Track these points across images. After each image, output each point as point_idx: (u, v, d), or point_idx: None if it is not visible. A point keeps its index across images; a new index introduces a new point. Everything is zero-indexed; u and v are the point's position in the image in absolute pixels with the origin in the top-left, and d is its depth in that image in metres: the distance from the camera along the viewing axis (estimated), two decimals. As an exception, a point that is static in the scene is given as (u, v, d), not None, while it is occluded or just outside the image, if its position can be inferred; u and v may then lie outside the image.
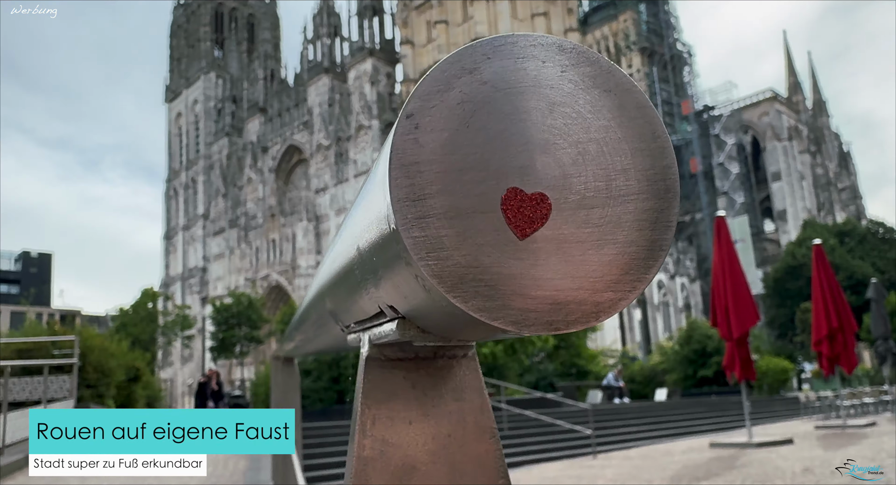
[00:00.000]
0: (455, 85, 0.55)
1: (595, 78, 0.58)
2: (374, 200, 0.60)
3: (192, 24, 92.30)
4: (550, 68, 0.57)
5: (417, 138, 0.54)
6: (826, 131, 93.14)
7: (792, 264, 51.27)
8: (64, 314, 74.00)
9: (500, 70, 0.56)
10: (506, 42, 0.57)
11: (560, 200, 0.55)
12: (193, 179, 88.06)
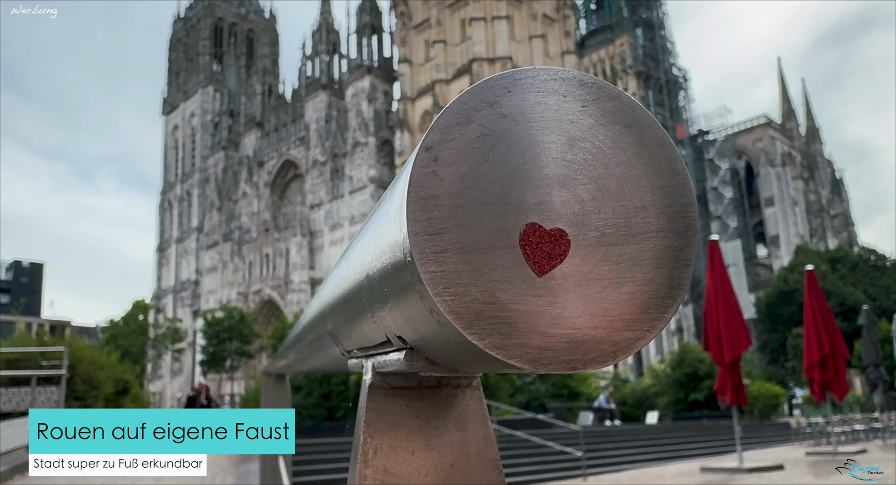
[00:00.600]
0: (475, 118, 0.55)
1: (615, 113, 0.57)
2: (389, 229, 0.59)
3: (191, 38, 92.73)
4: (571, 103, 0.57)
5: (436, 171, 0.54)
6: (819, 158, 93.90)
7: (784, 290, 51.42)
8: (54, 325, 73.48)
9: (520, 104, 0.56)
10: (526, 75, 0.57)
11: (579, 237, 0.55)
12: (188, 192, 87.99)
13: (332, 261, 67.11)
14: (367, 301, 0.71)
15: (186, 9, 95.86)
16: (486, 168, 0.54)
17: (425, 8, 64.72)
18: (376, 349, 0.79)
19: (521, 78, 0.57)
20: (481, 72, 58.28)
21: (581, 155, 0.56)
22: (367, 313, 0.73)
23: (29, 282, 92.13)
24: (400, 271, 0.57)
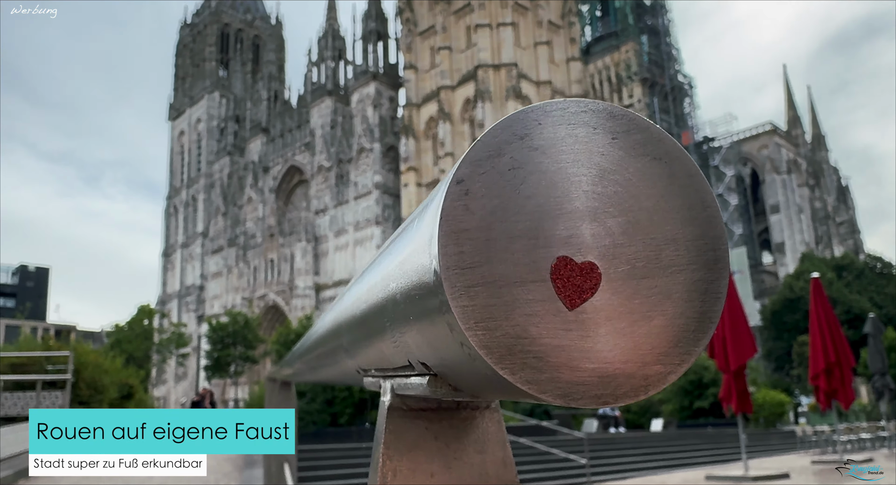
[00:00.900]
0: (506, 151, 0.55)
1: (645, 145, 0.57)
2: (417, 258, 0.59)
3: (198, 44, 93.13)
4: (601, 135, 0.57)
5: (467, 205, 0.54)
6: (825, 165, 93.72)
7: (790, 297, 51.24)
8: (59, 329, 73.64)
9: (551, 136, 0.56)
10: (557, 107, 0.57)
11: (610, 270, 0.54)
12: (194, 197, 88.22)
13: (336, 266, 67.15)
14: (388, 324, 0.71)
15: (193, 15, 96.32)
16: (517, 201, 0.54)
17: (431, 14, 64.88)
18: (396, 372, 0.78)
19: (552, 110, 0.57)
20: (486, 78, 58.34)
21: (611, 187, 0.56)
22: (388, 336, 0.73)
23: (35, 286, 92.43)
24: (428, 302, 0.57)
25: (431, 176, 61.87)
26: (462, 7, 62.80)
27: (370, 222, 64.46)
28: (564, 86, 63.95)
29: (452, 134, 60.46)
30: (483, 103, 57.59)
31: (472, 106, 59.53)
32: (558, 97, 44.65)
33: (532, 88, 60.59)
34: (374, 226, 63.96)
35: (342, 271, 66.51)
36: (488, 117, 57.16)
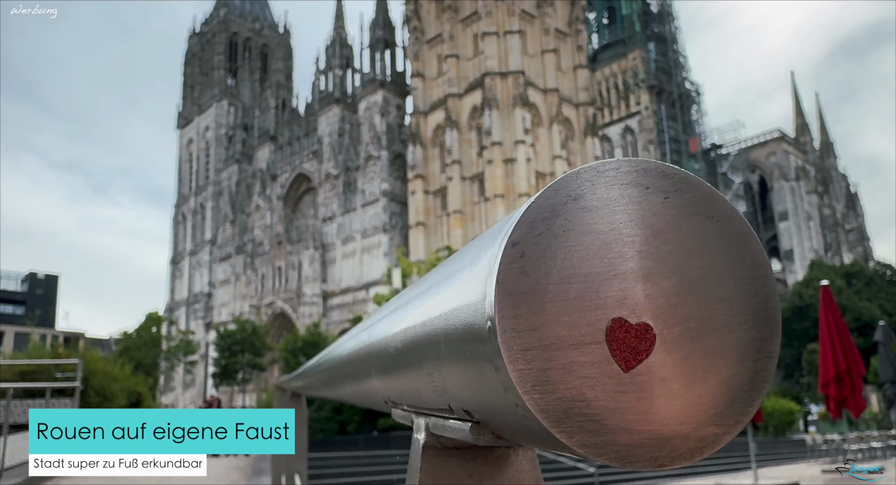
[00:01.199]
0: (560, 212, 0.55)
1: (697, 204, 0.57)
2: (468, 315, 0.59)
3: (206, 53, 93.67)
4: (654, 195, 0.57)
5: (523, 267, 0.54)
6: (833, 172, 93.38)
7: (799, 305, 50.99)
8: (68, 336, 73.90)
9: (604, 197, 0.56)
10: (610, 168, 0.57)
11: (664, 331, 0.54)
12: (202, 205, 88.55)
13: (344, 274, 67.19)
14: (428, 368, 0.71)
15: (202, 24, 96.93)
16: (572, 263, 0.54)
17: (438, 23, 65.06)
18: (433, 411, 0.78)
19: (605, 170, 0.57)
20: (493, 86, 58.42)
21: (664, 247, 0.56)
22: (426, 378, 0.73)
23: (44, 293, 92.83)
24: (480, 359, 0.57)
25: (439, 183, 61.92)
26: (469, 15, 62.97)
27: (378, 230, 64.52)
28: (572, 94, 63.96)
29: (460, 141, 60.53)
30: (490, 111, 57.65)
31: (479, 114, 59.60)
32: (566, 105, 44.17)
33: (539, 96, 60.64)
34: (381, 233, 64.02)
35: (349, 279, 66.54)
36: (495, 125, 57.20)
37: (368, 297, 58.24)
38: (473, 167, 59.82)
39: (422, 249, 58.98)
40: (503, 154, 56.71)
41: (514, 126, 57.21)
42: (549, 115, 60.59)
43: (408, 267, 33.31)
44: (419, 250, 58.74)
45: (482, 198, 58.10)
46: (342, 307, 65.89)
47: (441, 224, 60.82)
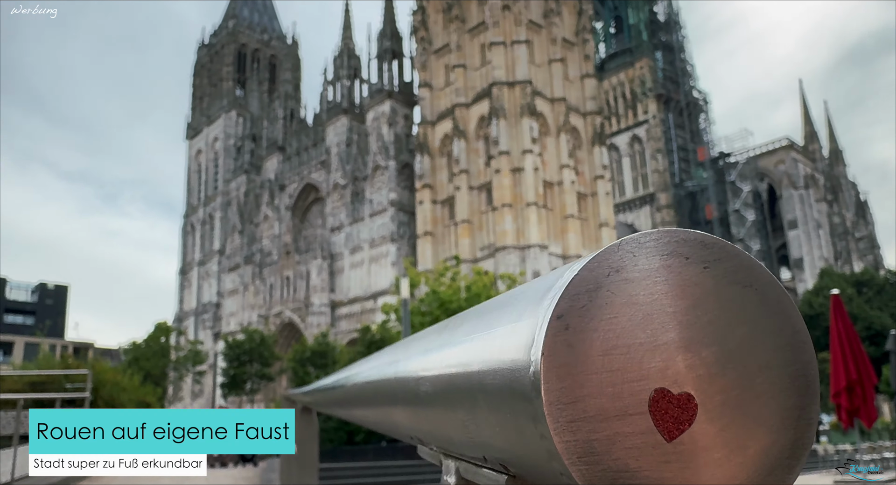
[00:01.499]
0: (603, 284, 0.56)
1: (736, 273, 0.58)
2: (510, 380, 0.60)
3: (215, 64, 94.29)
4: (694, 265, 0.58)
5: (568, 340, 0.55)
6: (843, 180, 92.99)
7: (809, 313, 50.73)
8: (77, 347, 74.20)
9: (645, 268, 0.57)
10: (651, 239, 0.58)
11: (705, 400, 0.55)
12: (211, 215, 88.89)
13: (352, 283, 67.23)
14: (464, 418, 0.72)
15: (211, 36, 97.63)
16: (615, 334, 0.55)
17: (445, 33, 65.30)
18: (464, 456, 0.78)
19: (646, 242, 0.58)
20: (501, 95, 58.52)
21: (705, 316, 0.56)
22: (461, 427, 0.74)
23: (54, 304, 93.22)
24: (522, 421, 0.58)
25: (446, 193, 61.98)
26: (476, 25, 63.19)
27: (385, 239, 64.58)
28: (579, 103, 64.02)
29: (467, 151, 60.62)
30: (498, 120, 57.74)
31: (486, 123, 59.69)
32: (573, 114, 44.18)
33: (547, 105, 60.71)
34: (389, 243, 64.07)
35: (357, 288, 66.57)
36: (503, 134, 57.28)
37: (376, 306, 58.23)
38: (481, 177, 59.86)
39: (430, 258, 58.98)
40: (511, 163, 56.74)
41: (521, 135, 57.25)
42: (557, 124, 60.62)
43: (416, 277, 33.30)
44: (427, 260, 58.74)
45: (490, 207, 58.10)
46: (350, 317, 65.90)
47: (449, 233, 60.82)
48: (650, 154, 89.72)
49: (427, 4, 67.44)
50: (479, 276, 32.47)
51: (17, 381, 27.86)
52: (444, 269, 33.08)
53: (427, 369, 0.90)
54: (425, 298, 32.03)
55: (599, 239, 60.69)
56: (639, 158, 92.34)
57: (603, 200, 61.82)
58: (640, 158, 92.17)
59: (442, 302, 30.02)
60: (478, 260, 55.56)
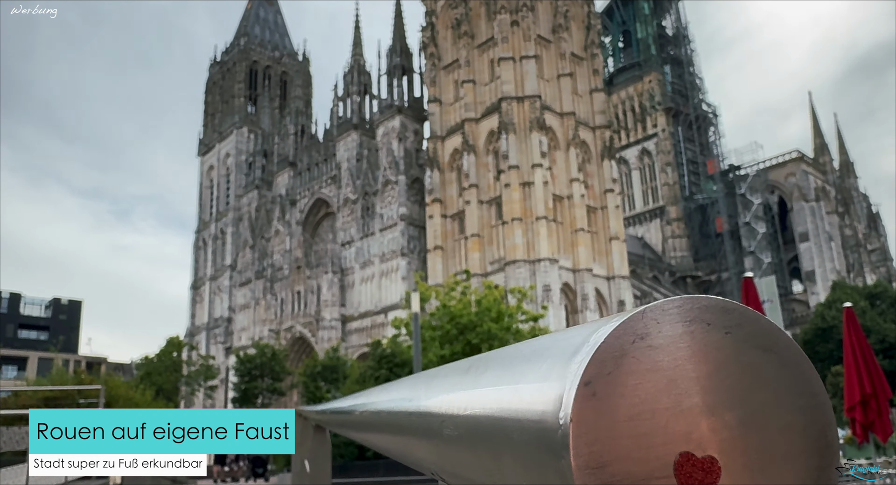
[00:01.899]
0: (628, 351, 0.58)
1: (756, 337, 0.60)
2: (542, 442, 0.61)
3: (227, 81, 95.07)
4: (715, 330, 0.59)
5: (596, 406, 0.56)
6: (854, 192, 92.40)
7: (822, 326, 50.29)
8: (90, 362, 74.54)
9: (669, 334, 0.58)
10: (674, 306, 0.60)
11: (729, 464, 0.56)
12: (222, 231, 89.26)
13: (362, 298, 67.25)
14: (488, 465, 0.74)
15: (222, 53, 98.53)
16: (640, 399, 0.56)
17: (454, 49, 65.66)
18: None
19: (669, 309, 0.60)
20: (510, 110, 58.68)
21: (727, 381, 0.58)
22: (485, 473, 0.75)
23: (67, 319, 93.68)
24: (549, 479, 0.59)
25: (456, 207, 62.05)
26: (485, 41, 63.52)
27: (396, 254, 64.63)
28: (588, 117, 64.09)
29: (477, 165, 60.73)
30: (507, 135, 57.87)
31: (496, 138, 59.82)
32: (582, 128, 44.35)
33: (556, 120, 60.82)
34: (399, 257, 64.11)
35: (368, 303, 66.58)
36: (512, 149, 57.38)
37: (387, 321, 58.17)
38: (490, 191, 59.92)
39: (440, 272, 58.95)
40: (520, 178, 56.78)
41: (530, 150, 57.32)
42: (566, 138, 60.67)
43: (426, 291, 33.24)
44: (437, 274, 58.72)
45: (500, 221, 58.10)
46: (361, 331, 65.86)
47: (459, 247, 60.82)
48: (660, 167, 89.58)
49: (436, 21, 67.89)
50: (489, 290, 32.37)
51: (32, 396, 27.98)
52: (455, 283, 33.02)
53: (451, 410, 0.90)
54: (436, 312, 31.95)
55: (610, 252, 60.54)
56: (648, 171, 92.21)
57: (613, 214, 61.69)
58: (649, 171, 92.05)
59: (452, 316, 29.94)
60: (488, 274, 55.48)
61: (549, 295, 52.98)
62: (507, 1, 61.20)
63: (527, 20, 60.79)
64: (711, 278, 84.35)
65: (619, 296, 59.62)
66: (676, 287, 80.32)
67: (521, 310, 32.68)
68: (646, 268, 78.41)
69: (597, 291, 58.76)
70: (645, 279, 74.17)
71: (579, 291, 57.23)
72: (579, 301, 56.95)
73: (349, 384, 41.47)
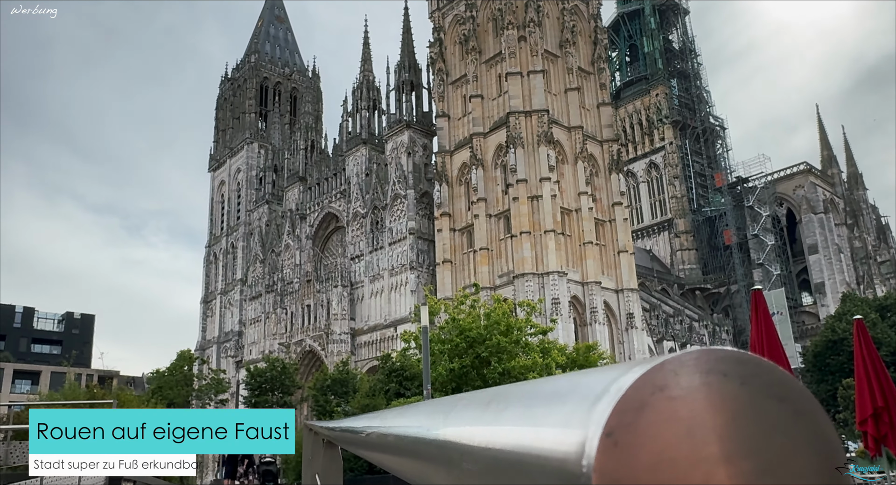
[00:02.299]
0: (648, 402, 0.58)
1: (771, 387, 0.61)
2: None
3: (237, 98, 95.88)
4: (732, 381, 0.60)
5: (618, 455, 0.57)
6: (863, 204, 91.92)
7: (832, 339, 49.98)
8: (102, 375, 74.88)
9: (687, 386, 0.59)
10: (691, 358, 0.61)
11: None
12: (233, 245, 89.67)
13: (371, 311, 67.34)
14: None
15: (233, 70, 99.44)
16: (659, 449, 0.57)
17: (462, 64, 66.09)
18: None
19: (687, 361, 0.61)
20: (518, 124, 58.90)
21: (743, 430, 0.59)
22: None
23: (80, 333, 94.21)
24: None
25: (465, 221, 62.19)
26: (493, 56, 63.91)
27: (405, 268, 64.74)
28: (595, 131, 64.21)
29: (485, 179, 60.92)
30: (515, 149, 58.07)
31: (504, 152, 60.03)
32: (590, 142, 44.52)
33: (563, 133, 60.98)
34: (408, 271, 64.21)
35: (377, 316, 66.65)
36: (520, 163, 57.54)
37: (396, 334, 58.16)
38: (499, 205, 60.04)
39: (449, 286, 58.98)
40: (528, 191, 56.89)
41: (538, 163, 57.46)
42: (574, 152, 60.80)
43: (435, 305, 33.24)
44: (446, 287, 58.75)
45: (508, 234, 58.17)
46: (370, 345, 65.88)
47: (468, 261, 60.87)
48: (667, 180, 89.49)
49: (444, 37, 68.36)
50: (498, 303, 32.37)
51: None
52: (464, 296, 33.04)
53: (472, 444, 0.91)
54: (445, 325, 31.95)
55: (618, 265, 60.42)
56: (656, 184, 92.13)
57: (621, 227, 61.65)
58: (657, 184, 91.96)
59: (461, 330, 29.90)
60: (497, 287, 55.47)
61: (557, 308, 52.89)
62: (514, 17, 61.57)
63: (534, 35, 61.13)
64: (720, 291, 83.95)
65: (628, 308, 59.43)
66: (685, 299, 79.97)
67: (531, 323, 32.64)
68: (654, 280, 78.18)
69: (605, 304, 58.62)
70: (654, 292, 73.94)
71: (588, 304, 57.10)
72: (588, 314, 56.82)
73: (359, 398, 41.48)
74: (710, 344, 70.81)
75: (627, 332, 58.85)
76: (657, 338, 65.41)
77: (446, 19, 68.83)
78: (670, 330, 67.84)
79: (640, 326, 59.92)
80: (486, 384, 29.52)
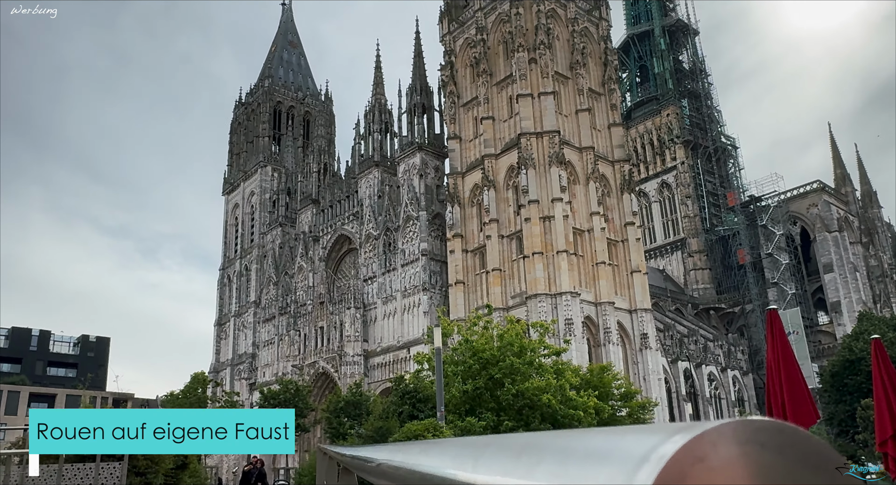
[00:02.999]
0: (688, 473, 0.60)
1: (808, 456, 0.62)
2: None
3: (251, 122, 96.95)
4: (769, 451, 0.61)
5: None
6: (878, 222, 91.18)
7: (849, 358, 49.39)
8: (117, 398, 75.09)
9: (725, 456, 0.60)
10: (730, 428, 0.62)
11: None
12: (247, 268, 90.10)
13: (384, 333, 67.34)
14: None
15: (247, 94, 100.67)
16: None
17: (473, 87, 66.60)
18: None
19: (726, 431, 0.62)
20: (529, 146, 59.15)
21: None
22: None
23: (95, 356, 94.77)
24: None
25: (477, 242, 62.30)
26: (504, 78, 64.38)
27: (417, 289, 64.78)
28: (607, 151, 64.35)
29: (497, 201, 61.09)
30: (527, 170, 58.26)
31: (515, 173, 60.23)
32: (601, 162, 44.75)
33: (575, 154, 61.14)
34: (421, 292, 64.25)
35: (390, 338, 66.62)
36: (532, 183, 57.70)
37: (409, 356, 58.09)
38: (511, 225, 60.13)
39: (461, 307, 58.94)
40: (540, 212, 56.96)
41: (550, 184, 57.59)
42: (585, 172, 60.91)
43: (448, 326, 33.25)
44: (459, 309, 58.71)
45: (520, 255, 58.17)
46: (383, 366, 65.77)
47: (480, 282, 60.86)
48: (680, 200, 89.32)
49: (455, 60, 69.00)
50: (511, 324, 32.36)
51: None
52: (477, 317, 33.04)
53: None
54: (458, 347, 31.94)
55: (631, 285, 60.19)
56: (668, 203, 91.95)
57: (633, 247, 61.50)
58: (669, 203, 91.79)
59: (475, 351, 29.90)
60: (509, 308, 55.39)
61: (571, 329, 52.69)
62: (524, 39, 62.09)
63: (544, 57, 61.57)
64: (735, 310, 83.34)
65: (642, 329, 59.11)
66: (699, 319, 79.39)
67: (544, 344, 32.57)
68: (668, 300, 77.74)
69: (619, 324, 58.34)
70: (667, 312, 73.51)
71: (601, 325, 56.85)
72: (602, 334, 56.56)
73: (372, 420, 41.33)
74: (726, 364, 70.23)
75: (642, 352, 58.48)
76: (672, 358, 64.88)
77: (457, 42, 69.52)
78: (685, 350, 67.29)
79: (654, 347, 59.53)
80: (499, 406, 29.40)
